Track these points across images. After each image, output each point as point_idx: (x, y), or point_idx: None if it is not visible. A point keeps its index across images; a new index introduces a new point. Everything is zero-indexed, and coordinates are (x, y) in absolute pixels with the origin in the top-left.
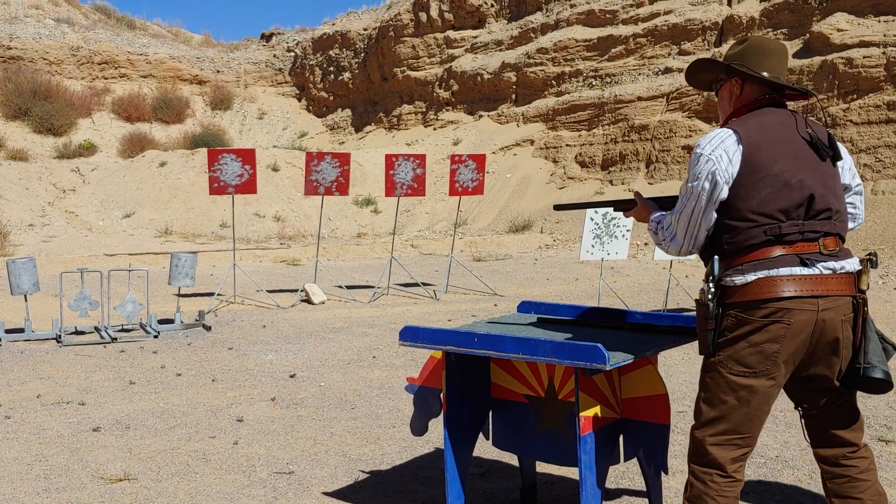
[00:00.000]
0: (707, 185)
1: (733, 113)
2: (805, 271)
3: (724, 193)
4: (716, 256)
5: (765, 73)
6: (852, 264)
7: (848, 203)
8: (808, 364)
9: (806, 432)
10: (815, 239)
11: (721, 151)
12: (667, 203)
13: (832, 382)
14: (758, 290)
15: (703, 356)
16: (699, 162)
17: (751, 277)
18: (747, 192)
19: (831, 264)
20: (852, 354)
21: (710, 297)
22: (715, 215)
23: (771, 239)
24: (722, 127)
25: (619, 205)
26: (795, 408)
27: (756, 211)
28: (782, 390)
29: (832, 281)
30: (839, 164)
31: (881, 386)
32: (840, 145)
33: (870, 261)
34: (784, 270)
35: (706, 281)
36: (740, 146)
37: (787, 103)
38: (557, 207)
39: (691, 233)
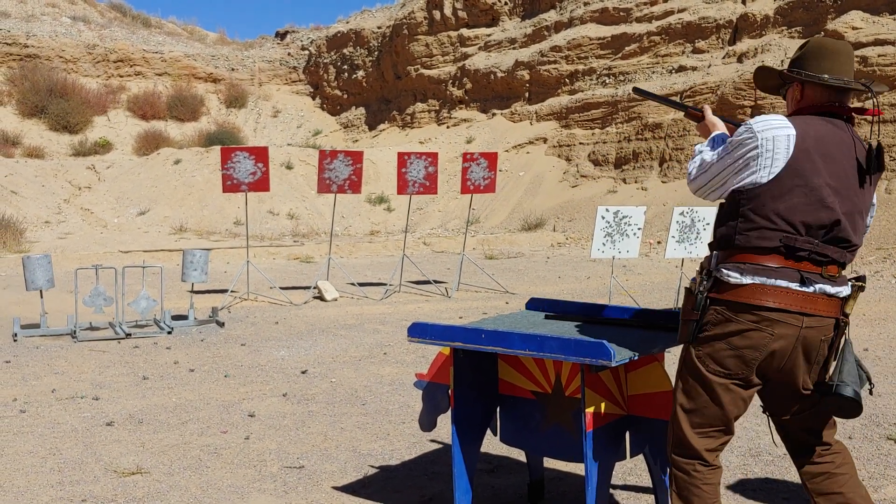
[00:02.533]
0: (742, 162)
1: (794, 113)
2: (801, 288)
3: (761, 180)
4: (715, 252)
5: (825, 76)
6: (845, 290)
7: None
8: (779, 374)
9: (775, 435)
10: (821, 263)
11: (770, 137)
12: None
13: (801, 391)
14: (750, 295)
15: (682, 346)
16: (746, 139)
17: (747, 280)
18: (780, 193)
19: (826, 287)
20: (821, 371)
21: (700, 287)
22: (736, 185)
23: (782, 248)
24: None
25: (690, 111)
26: (764, 411)
27: (780, 215)
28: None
29: (821, 302)
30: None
31: (850, 405)
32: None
33: (860, 287)
34: (781, 283)
35: (700, 272)
36: (792, 144)
37: (855, 116)
38: (637, 91)
39: (712, 186)
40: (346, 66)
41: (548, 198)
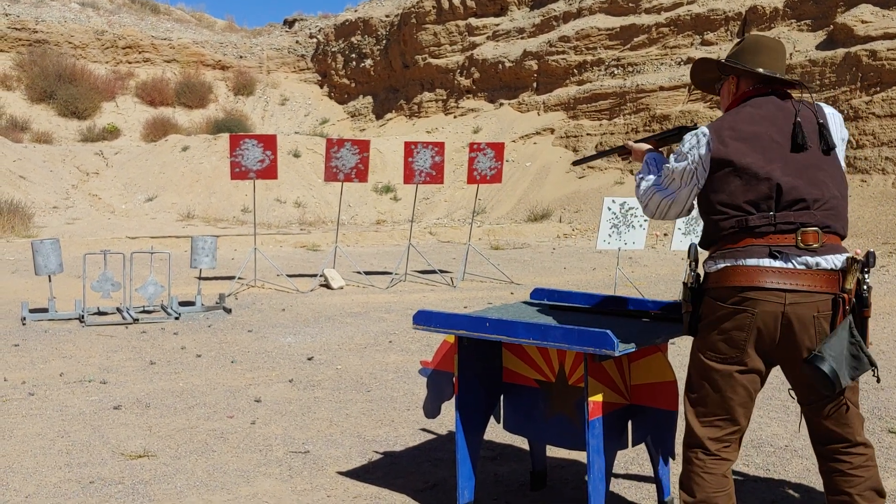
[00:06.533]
0: (685, 180)
1: (728, 107)
2: (774, 263)
3: (697, 190)
4: (692, 243)
5: (759, 70)
6: (832, 261)
7: None
8: (779, 356)
9: (804, 423)
10: (790, 231)
11: (695, 153)
12: (659, 141)
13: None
14: (725, 278)
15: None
16: (679, 159)
17: (721, 265)
18: (719, 186)
19: (807, 259)
20: None
21: (685, 279)
22: (687, 201)
23: (739, 230)
24: None
25: (618, 152)
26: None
27: (725, 203)
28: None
29: (805, 276)
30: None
31: (821, 380)
32: (838, 132)
33: (857, 260)
34: (751, 261)
35: (688, 266)
36: (710, 147)
37: (793, 93)
38: (576, 163)
39: (662, 210)
40: (353, 55)
41: (554, 188)
